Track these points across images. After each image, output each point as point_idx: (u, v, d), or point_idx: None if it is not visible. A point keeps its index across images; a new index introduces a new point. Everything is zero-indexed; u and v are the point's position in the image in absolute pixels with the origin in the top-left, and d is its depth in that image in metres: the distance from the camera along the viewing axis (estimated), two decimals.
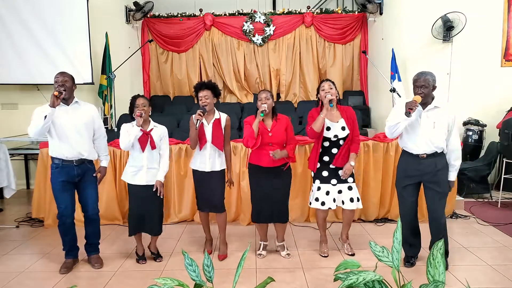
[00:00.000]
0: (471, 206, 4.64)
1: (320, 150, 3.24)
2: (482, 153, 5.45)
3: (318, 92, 3.26)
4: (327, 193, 3.25)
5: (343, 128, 3.20)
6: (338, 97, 3.24)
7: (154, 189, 3.12)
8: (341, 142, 3.21)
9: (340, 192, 3.25)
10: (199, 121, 3.11)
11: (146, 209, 3.16)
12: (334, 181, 3.24)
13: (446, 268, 3.02)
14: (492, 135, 5.39)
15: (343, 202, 3.26)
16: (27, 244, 3.75)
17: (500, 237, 3.76)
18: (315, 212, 3.51)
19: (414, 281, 1.51)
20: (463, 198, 4.79)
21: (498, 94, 5.57)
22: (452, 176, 3.03)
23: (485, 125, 5.48)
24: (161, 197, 3.18)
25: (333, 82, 3.27)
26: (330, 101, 3.07)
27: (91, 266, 3.20)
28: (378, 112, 6.86)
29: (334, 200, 3.25)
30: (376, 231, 3.97)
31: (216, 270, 1.69)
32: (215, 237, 3.61)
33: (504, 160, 4.87)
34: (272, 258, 3.34)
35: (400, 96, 5.41)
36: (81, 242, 3.26)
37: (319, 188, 3.26)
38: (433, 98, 2.94)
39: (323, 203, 3.24)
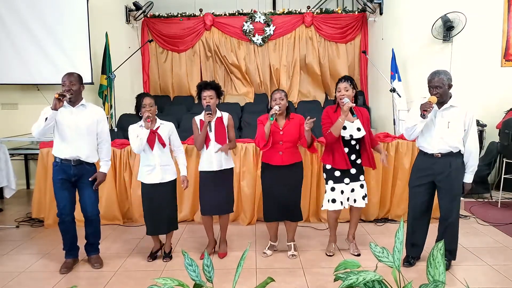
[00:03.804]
0: (471, 206, 4.64)
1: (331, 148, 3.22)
2: (482, 153, 5.44)
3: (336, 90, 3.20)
4: (342, 192, 3.23)
5: (358, 129, 3.17)
6: (353, 99, 3.19)
7: (182, 185, 3.26)
8: (352, 142, 3.20)
9: (353, 190, 3.25)
10: (210, 122, 3.13)
11: (160, 207, 3.19)
12: (347, 180, 3.22)
13: (448, 268, 3.02)
14: (492, 135, 5.38)
15: (355, 201, 3.27)
16: (27, 244, 3.75)
17: (500, 237, 3.76)
18: (317, 213, 3.50)
19: (414, 281, 1.51)
20: (463, 198, 4.79)
21: (498, 94, 5.57)
22: (468, 177, 2.96)
23: (485, 125, 5.47)
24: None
25: (351, 80, 3.16)
26: (351, 110, 3.03)
27: (91, 266, 3.19)
28: (378, 112, 6.86)
29: (348, 199, 3.25)
30: (376, 231, 3.97)
31: (216, 270, 1.69)
32: (215, 237, 3.61)
33: (504, 160, 4.86)
34: (273, 258, 3.34)
35: (400, 96, 5.41)
36: (81, 242, 3.26)
37: (333, 189, 3.24)
38: (450, 97, 2.90)
39: (341, 203, 3.22)
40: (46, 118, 2.83)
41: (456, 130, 2.87)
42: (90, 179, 3.10)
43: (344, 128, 3.14)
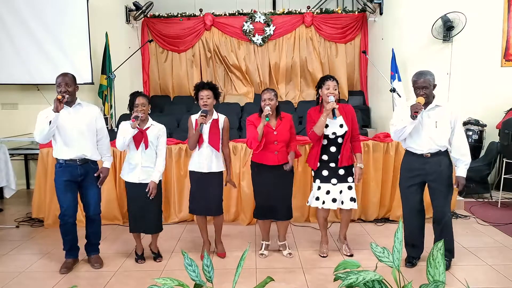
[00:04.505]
0: (471, 206, 4.64)
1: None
2: (482, 153, 5.44)
3: (319, 87, 3.20)
4: (328, 192, 3.23)
5: (341, 126, 3.18)
6: (338, 98, 3.23)
7: (146, 189, 3.10)
8: (339, 140, 3.20)
9: (341, 192, 3.24)
10: (202, 124, 3.13)
11: (141, 207, 3.17)
12: (334, 180, 3.22)
13: (448, 268, 3.02)
14: (492, 135, 5.39)
15: (342, 202, 3.25)
16: (27, 244, 3.75)
17: (500, 237, 3.76)
18: (315, 212, 3.51)
19: (414, 281, 1.51)
20: (463, 198, 4.79)
21: (498, 94, 5.57)
22: (461, 171, 2.94)
23: (485, 125, 5.47)
24: (151, 198, 3.12)
25: (337, 81, 3.21)
26: (333, 111, 3.05)
27: (91, 266, 3.19)
28: (378, 112, 6.86)
29: (335, 200, 3.22)
30: (376, 231, 3.96)
31: (216, 270, 1.69)
32: (213, 238, 3.61)
33: (504, 160, 4.87)
34: (272, 258, 3.34)
35: (400, 96, 5.41)
36: (81, 242, 3.26)
37: (319, 188, 3.26)
38: (434, 97, 2.93)
39: (323, 202, 3.23)
40: (50, 122, 2.82)
41: (444, 129, 2.90)
42: (95, 174, 3.13)
43: (326, 126, 3.15)
